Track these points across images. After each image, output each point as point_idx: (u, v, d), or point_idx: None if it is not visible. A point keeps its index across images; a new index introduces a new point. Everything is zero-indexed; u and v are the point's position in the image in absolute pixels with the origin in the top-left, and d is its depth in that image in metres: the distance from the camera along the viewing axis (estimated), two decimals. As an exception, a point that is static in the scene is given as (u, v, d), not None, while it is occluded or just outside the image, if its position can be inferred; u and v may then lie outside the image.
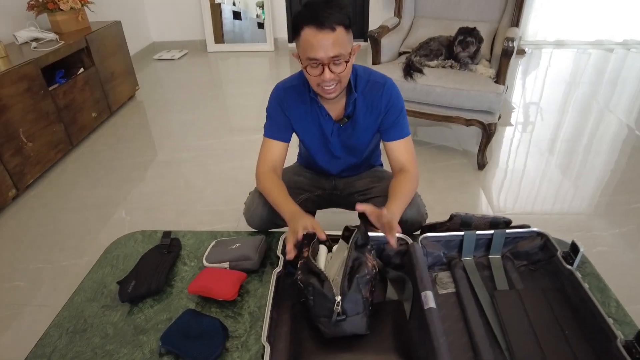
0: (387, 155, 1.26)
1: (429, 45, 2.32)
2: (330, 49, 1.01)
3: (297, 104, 1.23)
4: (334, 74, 1.05)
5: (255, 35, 4.60)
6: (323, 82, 1.06)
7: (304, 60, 1.05)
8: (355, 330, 0.89)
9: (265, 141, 1.28)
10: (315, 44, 1.00)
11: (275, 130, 1.26)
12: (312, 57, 1.02)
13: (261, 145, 1.28)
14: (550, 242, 1.05)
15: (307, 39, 1.01)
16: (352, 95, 1.18)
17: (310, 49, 1.01)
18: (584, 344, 0.86)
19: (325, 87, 1.08)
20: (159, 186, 2.29)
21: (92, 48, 2.77)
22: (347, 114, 1.22)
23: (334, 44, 1.01)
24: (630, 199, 2.05)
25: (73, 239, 1.92)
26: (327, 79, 1.05)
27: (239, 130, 2.90)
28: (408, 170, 1.20)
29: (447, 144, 2.61)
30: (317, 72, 1.06)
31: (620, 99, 3.21)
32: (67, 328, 1.00)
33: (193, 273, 1.14)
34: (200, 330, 0.94)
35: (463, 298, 1.00)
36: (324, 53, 1.01)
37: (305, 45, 1.02)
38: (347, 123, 1.23)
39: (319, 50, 1.01)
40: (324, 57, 1.02)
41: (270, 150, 1.26)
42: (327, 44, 1.00)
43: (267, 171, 1.24)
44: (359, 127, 1.24)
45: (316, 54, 1.01)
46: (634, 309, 1.47)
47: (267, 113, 1.28)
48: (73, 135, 2.59)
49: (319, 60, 1.03)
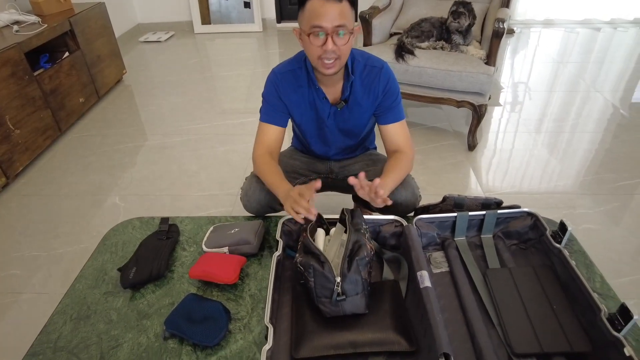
0: (383, 138, 1.28)
1: (420, 26, 2.32)
2: (336, 18, 1.03)
3: (294, 87, 1.23)
4: (336, 46, 1.06)
5: (242, 16, 4.52)
6: (325, 52, 1.07)
7: (308, 28, 1.06)
8: (354, 310, 0.92)
9: (261, 125, 1.28)
10: (323, 12, 1.02)
11: (272, 114, 1.26)
12: (317, 24, 1.04)
13: (257, 130, 1.29)
14: (540, 222, 1.09)
15: (314, 7, 1.03)
16: (350, 78, 1.19)
17: (316, 17, 1.03)
18: (571, 317, 0.91)
19: (325, 60, 1.09)
20: (151, 171, 2.28)
21: (76, 31, 2.70)
22: (345, 98, 1.23)
23: (340, 14, 1.03)
24: (616, 177, 2.11)
25: (67, 226, 1.91)
26: (330, 48, 1.06)
27: (229, 112, 2.88)
28: (404, 152, 1.24)
29: (438, 125, 2.63)
30: (319, 42, 1.06)
31: (607, 78, 3.26)
32: (70, 315, 1.01)
33: (193, 258, 1.16)
34: (203, 314, 0.96)
35: (457, 276, 1.04)
36: (330, 22, 1.03)
37: (310, 14, 1.04)
38: (344, 107, 1.24)
39: (324, 17, 1.02)
40: (328, 26, 1.03)
41: (267, 135, 1.27)
42: (334, 12, 1.02)
43: (263, 154, 1.25)
44: (355, 110, 1.25)
45: (321, 21, 1.03)
46: (617, 283, 1.55)
47: (263, 97, 1.28)
48: (61, 121, 2.55)
49: (324, 29, 1.04)
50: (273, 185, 1.17)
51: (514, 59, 3.74)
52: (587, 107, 2.83)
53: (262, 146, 1.27)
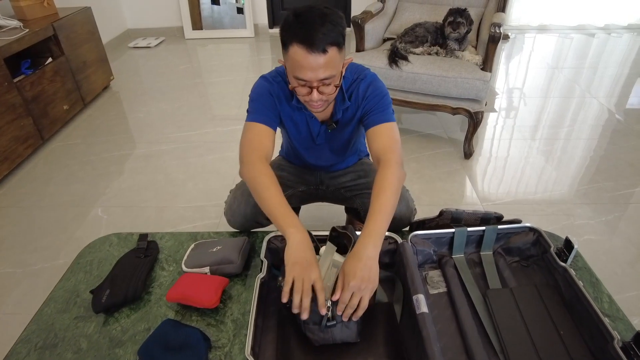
0: (367, 145, 1.14)
1: (414, 31, 2.26)
2: (321, 71, 0.93)
3: (286, 101, 1.14)
4: (322, 94, 0.99)
5: (235, 21, 4.46)
6: (311, 101, 1.00)
7: (291, 78, 0.98)
8: (345, 339, 0.85)
9: (251, 126, 1.09)
10: (305, 65, 0.92)
11: (265, 113, 1.10)
12: (301, 77, 0.95)
13: (245, 132, 1.10)
14: (543, 238, 1.02)
15: (296, 58, 0.92)
16: (344, 103, 1.11)
17: (299, 70, 0.94)
18: (579, 344, 0.84)
19: (312, 103, 1.02)
20: (137, 181, 2.19)
21: (60, 36, 2.62)
22: (336, 120, 1.15)
23: (325, 66, 0.92)
24: (616, 186, 2.05)
25: (46, 240, 1.82)
26: (315, 99, 0.98)
27: (220, 119, 2.81)
28: (386, 162, 1.01)
29: (433, 132, 2.57)
30: (304, 92, 0.99)
31: (602, 84, 3.22)
32: (35, 343, 0.93)
33: (172, 278, 1.08)
34: (180, 342, 0.89)
35: (455, 298, 0.97)
36: (313, 75, 0.94)
37: (293, 63, 0.94)
38: (335, 128, 1.17)
39: (308, 72, 0.93)
40: (312, 79, 0.94)
41: (259, 135, 1.08)
42: (317, 66, 0.92)
43: (260, 159, 1.04)
44: (347, 129, 1.19)
45: (304, 75, 0.94)
46: (621, 298, 1.49)
47: (252, 98, 1.13)
48: (44, 129, 2.46)
49: (308, 82, 0.96)
50: (275, 209, 0.95)
51: (508, 64, 3.70)
52: (582, 114, 2.78)
53: (256, 151, 1.05)
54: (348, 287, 0.82)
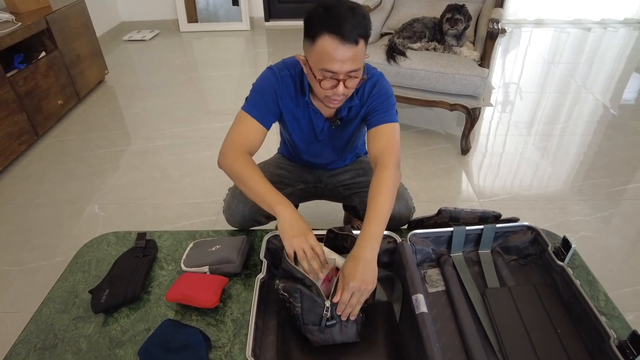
0: (367, 145, 1.13)
1: (412, 26, 2.25)
2: (350, 63, 0.92)
3: (290, 97, 1.12)
4: (347, 88, 0.98)
5: (230, 14, 4.41)
6: (334, 95, 0.99)
7: (317, 71, 0.96)
8: (345, 339, 0.86)
9: (244, 117, 1.08)
10: (336, 56, 0.91)
11: (262, 110, 1.09)
12: (330, 69, 0.93)
13: (237, 120, 1.09)
14: (541, 237, 1.03)
15: (327, 50, 0.91)
16: (352, 101, 1.10)
17: (329, 61, 0.92)
18: (577, 343, 0.85)
19: (333, 98, 1.00)
20: (133, 178, 2.18)
21: (53, 29, 2.58)
22: (340, 117, 1.15)
23: (353, 58, 0.92)
24: (612, 182, 2.07)
25: (42, 238, 1.81)
26: (340, 92, 0.97)
27: (216, 114, 2.79)
28: (383, 164, 1.03)
29: (430, 128, 2.57)
30: (329, 85, 0.97)
31: (597, 79, 3.23)
32: (35, 344, 0.92)
33: (171, 278, 1.08)
34: (180, 342, 0.89)
35: (454, 297, 0.97)
36: (343, 67, 0.93)
37: (321, 54, 0.92)
38: (339, 125, 1.17)
39: (338, 63, 0.92)
40: (341, 72, 0.93)
41: (249, 131, 1.08)
42: (347, 58, 0.91)
43: (246, 154, 1.06)
44: (350, 127, 1.18)
45: (334, 66, 0.92)
46: (617, 294, 1.50)
47: (255, 88, 1.10)
48: (38, 125, 2.43)
49: (336, 74, 0.94)
50: (261, 192, 0.99)
51: (505, 58, 3.70)
52: (578, 109, 2.79)
53: (244, 145, 1.06)
54: (348, 288, 0.83)
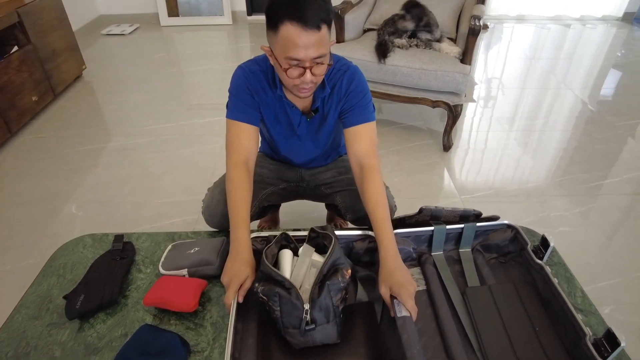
0: (346, 145, 1.13)
1: (395, 23, 2.24)
2: (314, 49, 0.91)
3: (263, 91, 1.11)
4: (314, 76, 0.96)
5: (212, 7, 4.34)
6: (302, 83, 0.97)
7: (282, 60, 0.94)
8: (325, 340, 0.85)
9: (231, 125, 1.09)
10: (299, 43, 0.89)
11: (244, 110, 1.09)
12: (294, 57, 0.92)
13: (227, 130, 1.11)
14: (521, 235, 1.04)
15: (289, 37, 0.89)
16: (324, 91, 1.09)
17: (292, 49, 0.90)
18: (554, 341, 0.86)
19: (301, 87, 0.99)
20: (112, 176, 2.13)
21: (26, 23, 2.50)
22: (314, 108, 1.13)
23: (318, 44, 0.90)
24: (590, 177, 2.11)
25: (17, 238, 1.76)
26: (308, 80, 0.96)
27: (197, 110, 2.75)
28: (371, 169, 1.05)
29: (413, 124, 2.58)
30: (296, 74, 0.96)
31: (577, 75, 3.28)
32: (6, 353, 0.89)
33: (149, 281, 1.05)
34: (159, 348, 0.87)
35: (434, 296, 0.97)
36: (307, 54, 0.91)
37: (285, 42, 0.90)
38: (314, 117, 1.15)
39: (302, 50, 0.90)
40: (306, 58, 0.92)
41: (240, 135, 1.08)
42: (311, 44, 0.90)
43: (239, 164, 1.07)
44: (328, 119, 1.16)
45: (299, 54, 0.91)
46: (593, 288, 1.54)
47: (232, 92, 1.11)
48: (11, 121, 2.35)
49: (301, 62, 0.93)
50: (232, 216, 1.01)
51: (487, 54, 3.73)
52: (558, 104, 2.84)
53: (238, 152, 1.08)
54: (410, 295, 0.86)
